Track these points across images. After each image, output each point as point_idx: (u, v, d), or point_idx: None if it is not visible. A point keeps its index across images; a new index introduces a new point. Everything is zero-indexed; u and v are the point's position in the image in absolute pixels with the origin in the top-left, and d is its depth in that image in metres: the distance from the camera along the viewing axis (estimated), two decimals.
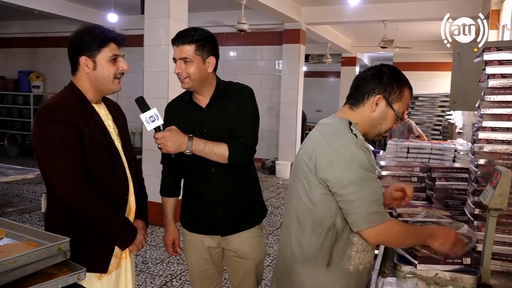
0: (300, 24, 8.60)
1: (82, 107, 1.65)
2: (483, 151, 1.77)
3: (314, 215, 1.44)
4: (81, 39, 1.64)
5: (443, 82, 10.64)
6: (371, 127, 1.51)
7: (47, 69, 10.94)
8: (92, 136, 1.62)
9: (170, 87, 5.09)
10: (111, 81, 1.68)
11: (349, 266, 1.47)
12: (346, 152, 1.36)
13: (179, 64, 1.88)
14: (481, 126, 1.78)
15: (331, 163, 1.38)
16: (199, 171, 1.96)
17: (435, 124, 7.17)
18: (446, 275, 1.46)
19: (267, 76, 9.43)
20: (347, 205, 1.37)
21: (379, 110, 1.48)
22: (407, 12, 7.94)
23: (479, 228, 1.73)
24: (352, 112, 1.51)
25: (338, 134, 1.43)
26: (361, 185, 1.34)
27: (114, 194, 1.69)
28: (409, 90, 1.52)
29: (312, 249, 1.45)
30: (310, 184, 1.43)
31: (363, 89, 1.49)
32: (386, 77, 1.48)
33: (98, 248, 1.66)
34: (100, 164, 1.65)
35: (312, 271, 1.46)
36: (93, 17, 9.14)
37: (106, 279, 1.70)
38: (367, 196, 1.35)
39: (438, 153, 3.30)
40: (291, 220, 1.53)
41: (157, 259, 4.14)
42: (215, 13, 9.03)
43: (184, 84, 1.90)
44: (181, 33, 1.90)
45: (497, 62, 1.74)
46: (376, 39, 9.24)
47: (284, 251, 1.56)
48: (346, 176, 1.35)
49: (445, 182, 2.18)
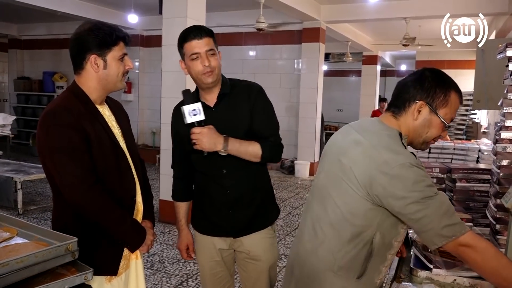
0: (319, 23, 8.51)
1: (86, 109, 1.62)
2: (506, 152, 1.70)
3: (353, 227, 1.36)
4: (90, 37, 1.60)
5: (467, 81, 10.35)
6: (416, 136, 1.42)
7: (71, 69, 10.91)
8: (98, 138, 1.60)
9: (187, 87, 5.10)
10: (119, 79, 1.66)
11: (377, 280, 1.43)
12: (409, 174, 1.27)
13: (205, 56, 1.79)
14: (504, 125, 1.71)
15: (393, 184, 1.28)
16: (211, 172, 1.93)
17: (459, 124, 6.98)
18: (464, 281, 1.39)
19: (286, 76, 9.37)
20: (416, 224, 1.29)
21: (422, 118, 1.38)
22: (429, 9, 7.76)
23: (501, 232, 1.66)
24: (396, 120, 1.42)
25: (396, 151, 1.32)
26: (426, 202, 1.26)
27: (122, 195, 1.68)
28: (456, 94, 1.40)
29: (346, 259, 1.39)
30: (356, 197, 1.34)
31: (404, 96, 1.40)
32: (428, 81, 1.38)
33: (107, 250, 1.65)
34: (107, 166, 1.62)
35: (341, 281, 1.40)
36: (114, 18, 9.27)
37: (116, 281, 1.69)
38: (436, 212, 1.26)
39: (461, 153, 3.20)
40: (321, 226, 1.43)
41: (174, 258, 4.15)
42: (233, 12, 9.03)
43: (211, 78, 1.82)
44: (197, 27, 1.84)
45: None
46: (397, 37, 9.07)
47: (309, 256, 1.47)
48: (409, 197, 1.26)
49: (466, 184, 2.10)
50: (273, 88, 9.31)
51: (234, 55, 9.80)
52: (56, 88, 10.90)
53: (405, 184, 1.27)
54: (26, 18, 10.35)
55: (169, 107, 5.45)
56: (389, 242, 1.39)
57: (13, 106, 11.68)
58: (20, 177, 5.32)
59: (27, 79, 11.55)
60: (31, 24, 11.19)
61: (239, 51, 9.80)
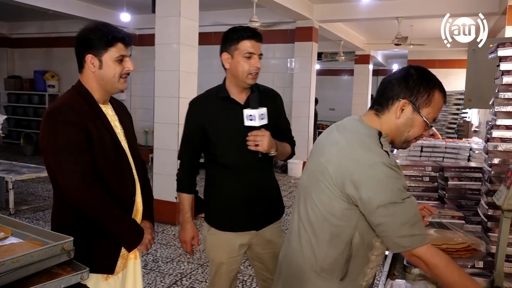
0: (312, 22, 8.53)
1: (89, 107, 1.64)
2: (497, 150, 1.72)
3: (332, 227, 1.37)
4: (89, 37, 1.62)
5: (458, 80, 10.47)
6: (398, 134, 1.40)
7: (62, 68, 11.07)
8: (99, 137, 1.61)
9: (181, 85, 5.10)
10: (116, 81, 1.66)
11: (363, 282, 1.43)
12: (378, 174, 1.27)
13: (258, 59, 1.94)
14: (495, 124, 1.73)
15: (361, 183, 1.28)
16: (236, 167, 1.98)
17: (450, 123, 7.02)
18: None
19: (279, 75, 9.38)
20: (376, 228, 1.30)
21: (405, 116, 1.37)
22: (421, 9, 7.82)
23: (493, 229, 1.68)
24: (378, 119, 1.41)
25: (369, 149, 1.32)
26: (391, 208, 1.25)
27: (121, 195, 1.68)
28: (440, 93, 1.38)
29: (328, 260, 1.39)
30: (332, 196, 1.34)
31: (387, 94, 1.39)
32: (412, 80, 1.36)
33: (105, 249, 1.66)
34: (107, 165, 1.64)
35: (325, 283, 1.41)
36: (106, 16, 9.21)
37: (113, 280, 1.70)
38: (397, 219, 1.25)
39: (453, 152, 3.24)
40: (304, 226, 1.45)
41: (168, 257, 4.15)
42: (226, 11, 9.02)
43: (253, 80, 1.96)
44: (255, 31, 1.96)
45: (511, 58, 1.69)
46: (390, 36, 9.13)
47: (296, 256, 1.48)
48: (376, 198, 1.26)
49: (458, 182, 2.13)
50: None
51: None
52: (47, 87, 10.81)
53: (373, 183, 1.26)
54: (17, 16, 10.25)
55: (162, 106, 5.46)
56: (369, 242, 1.38)
57: (3, 105, 11.55)
58: (12, 177, 5.28)
59: (18, 78, 11.43)
60: (22, 22, 11.08)
61: None
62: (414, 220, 1.26)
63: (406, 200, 1.27)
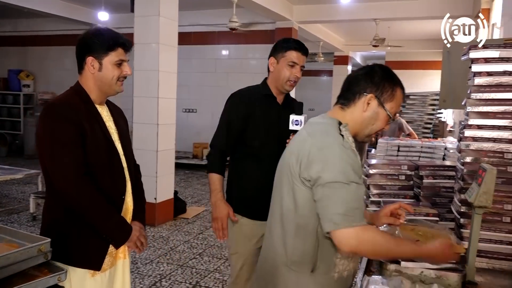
0: (292, 23, 8.59)
1: (85, 106, 1.70)
2: (469, 149, 1.77)
3: (297, 218, 1.40)
4: (91, 40, 1.70)
5: (434, 81, 10.71)
6: (362, 127, 1.46)
7: (38, 68, 10.85)
8: (93, 134, 1.67)
9: (160, 85, 5.07)
10: (114, 83, 1.73)
11: (334, 273, 1.44)
12: (330, 153, 1.33)
13: (299, 70, 2.16)
14: (467, 124, 1.78)
15: (313, 162, 1.33)
16: (269, 159, 1.97)
17: (426, 123, 7.18)
18: (431, 273, 1.45)
19: (259, 75, 9.24)
20: (318, 205, 1.34)
21: (371, 110, 1.43)
22: (398, 11, 7.97)
23: (465, 225, 1.74)
24: (343, 112, 1.46)
25: (325, 134, 1.38)
26: (335, 186, 1.29)
27: (111, 192, 1.72)
28: (401, 90, 1.47)
29: (296, 253, 1.42)
30: (295, 187, 1.39)
31: (354, 89, 1.45)
32: (378, 76, 1.44)
33: (92, 245, 1.68)
34: (99, 162, 1.68)
35: (296, 276, 1.43)
36: (83, 15, 9.08)
37: (100, 276, 1.72)
38: (339, 199, 1.29)
39: (428, 151, 3.29)
40: (275, 221, 1.49)
41: (147, 259, 4.12)
42: (206, 11, 9.01)
43: (291, 88, 2.19)
44: (304, 46, 2.18)
45: (483, 60, 1.74)
46: (368, 38, 9.26)
47: (269, 252, 1.53)
48: (324, 175, 1.31)
49: (433, 180, 2.18)
50: None
51: (207, 54, 9.77)
52: (22, 87, 10.56)
53: (323, 163, 1.32)
54: None
55: (141, 106, 5.42)
56: None
57: None
58: None
59: None
60: None
61: (212, 50, 9.78)
62: (354, 205, 1.29)
63: (352, 184, 1.30)
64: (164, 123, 5.19)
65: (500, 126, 1.72)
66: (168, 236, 4.83)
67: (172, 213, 5.46)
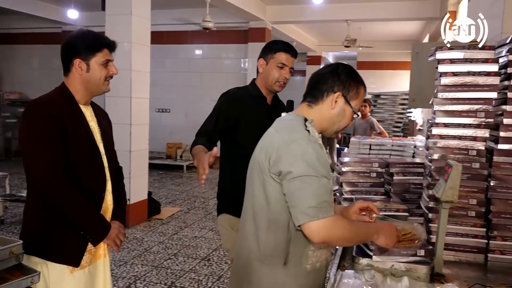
0: (265, 23, 8.64)
1: (68, 106, 1.74)
2: (436, 146, 1.84)
3: (269, 213, 1.44)
4: (77, 43, 1.75)
5: (404, 81, 10.97)
6: (330, 124, 1.51)
7: (4, 67, 10.51)
8: (74, 131, 1.70)
9: (133, 85, 5.01)
10: (101, 83, 1.77)
11: (307, 265, 1.47)
12: (296, 148, 1.37)
13: (288, 71, 2.20)
14: (434, 122, 1.85)
15: (282, 157, 1.38)
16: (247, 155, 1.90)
17: (396, 122, 7.35)
18: (401, 266, 1.50)
19: (233, 75, 9.42)
20: (288, 198, 1.37)
21: (338, 107, 1.48)
22: (368, 12, 8.14)
23: (433, 220, 1.80)
24: (310, 109, 1.51)
25: (291, 130, 1.43)
26: (305, 181, 1.33)
27: (91, 190, 1.75)
28: (364, 88, 1.53)
29: (269, 247, 1.45)
30: (265, 182, 1.43)
31: (322, 87, 1.50)
32: (344, 75, 1.49)
33: (71, 241, 1.70)
34: (80, 159, 1.71)
35: (269, 270, 1.46)
36: (52, 13, 8.86)
37: (79, 274, 1.72)
38: (309, 192, 1.33)
39: (399, 149, 3.39)
40: (248, 218, 1.53)
41: (120, 261, 4.06)
42: (179, 10, 8.95)
43: (280, 88, 2.24)
44: (293, 48, 2.22)
45: (448, 61, 1.82)
46: (340, 39, 9.42)
47: (242, 248, 1.56)
48: (293, 170, 1.35)
49: (403, 177, 2.25)
50: (219, 87, 9.20)
51: (181, 53, 9.71)
52: None
53: (291, 157, 1.36)
54: None
55: (113, 106, 5.33)
56: None
57: None
58: None
59: None
60: None
61: (185, 49, 9.72)
62: (324, 198, 1.34)
63: (322, 177, 1.35)
64: (137, 123, 5.14)
65: (465, 124, 1.80)
66: (142, 237, 4.78)
67: (146, 214, 5.41)
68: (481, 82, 1.77)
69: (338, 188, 2.48)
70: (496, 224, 1.75)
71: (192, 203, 6.44)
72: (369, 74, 13.56)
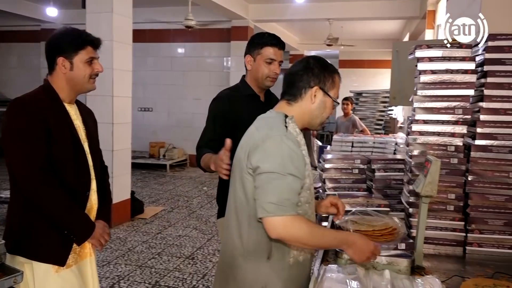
0: (247, 21, 8.65)
1: (53, 104, 1.72)
2: (416, 143, 1.88)
3: (249, 209, 1.45)
4: (60, 41, 1.74)
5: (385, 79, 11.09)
6: (313, 117, 1.54)
7: None
8: (59, 130, 1.68)
9: (115, 84, 4.96)
10: (86, 81, 1.76)
11: (289, 258, 1.50)
12: (270, 144, 1.39)
13: (278, 66, 2.15)
14: (414, 119, 1.89)
15: (255, 152, 1.40)
16: None
17: (378, 119, 7.45)
18: (383, 259, 1.54)
19: (215, 73, 9.40)
20: (255, 191, 1.40)
21: (318, 100, 1.51)
22: (350, 11, 8.23)
23: (414, 215, 1.85)
24: (290, 107, 1.53)
25: (270, 127, 1.45)
26: (270, 177, 1.35)
27: (75, 189, 1.74)
28: (338, 75, 1.56)
29: (251, 242, 1.47)
30: (244, 179, 1.45)
31: (298, 85, 1.52)
32: (317, 68, 1.51)
33: (57, 240, 1.69)
34: (64, 158, 1.70)
35: (253, 265, 1.48)
36: (30, 11, 8.69)
37: (65, 272, 1.71)
38: (271, 188, 1.34)
39: (380, 146, 3.45)
40: (231, 215, 1.55)
41: (103, 261, 4.03)
42: (161, 8, 8.88)
43: (272, 83, 2.18)
44: (279, 39, 2.14)
45: (427, 59, 1.86)
46: (322, 37, 9.49)
47: (227, 245, 1.57)
48: (261, 166, 1.37)
49: (384, 173, 2.29)
50: (202, 86, 9.30)
51: (163, 52, 9.64)
52: None
53: (264, 152, 1.38)
54: None
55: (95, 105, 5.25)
56: None
57: None
58: None
59: None
60: None
61: (167, 48, 9.66)
62: (286, 196, 1.34)
63: (289, 176, 1.35)
64: (119, 122, 5.09)
65: (444, 120, 1.85)
66: (125, 237, 4.75)
67: (129, 213, 5.36)
68: (459, 79, 1.82)
69: (321, 185, 2.52)
70: (473, 218, 1.80)
71: (175, 202, 6.42)
72: (351, 72, 13.71)
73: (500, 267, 1.62)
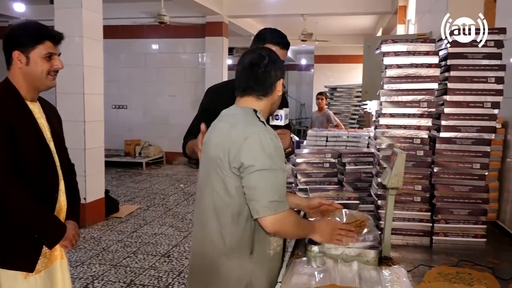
0: (222, 17, 8.61)
1: (14, 103, 1.65)
2: (384, 136, 1.92)
3: (232, 207, 1.46)
4: (17, 34, 1.67)
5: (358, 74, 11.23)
6: (273, 106, 1.61)
7: None
8: (23, 131, 1.62)
9: (85, 81, 4.86)
10: (44, 77, 1.69)
11: (270, 251, 1.54)
12: (257, 141, 1.40)
13: None
14: (381, 113, 1.92)
15: (241, 152, 1.40)
16: None
17: (352, 114, 7.56)
18: (351, 251, 1.56)
19: (190, 70, 9.32)
20: (249, 191, 1.41)
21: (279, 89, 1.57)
22: (323, 7, 8.29)
23: (382, 207, 1.88)
24: (260, 101, 1.54)
25: (247, 123, 1.46)
26: (265, 174, 1.38)
27: (43, 191, 1.69)
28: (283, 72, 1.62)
29: (234, 239, 1.48)
30: (226, 178, 1.44)
31: (269, 81, 1.53)
32: (277, 61, 1.55)
33: (25, 246, 1.63)
34: (30, 159, 1.64)
35: (237, 262, 1.49)
36: None
37: (34, 278, 1.66)
38: (269, 185, 1.39)
39: (354, 140, 3.49)
40: (208, 215, 1.52)
41: (77, 261, 3.96)
42: (133, 4, 8.73)
43: None
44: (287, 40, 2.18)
45: (393, 54, 1.89)
46: (296, 33, 9.52)
47: (203, 246, 1.55)
48: (254, 163, 1.38)
49: (354, 167, 2.32)
50: (177, 83, 9.21)
51: (136, 48, 9.50)
52: None
53: (252, 150, 1.40)
54: None
55: (65, 102, 5.15)
56: None
57: None
58: None
59: None
60: None
61: (141, 44, 9.51)
62: (282, 191, 1.43)
63: (278, 171, 1.42)
64: (91, 120, 4.99)
65: (410, 114, 1.88)
66: (100, 236, 4.68)
67: (103, 212, 5.28)
68: (423, 73, 1.85)
69: (294, 180, 2.53)
70: (439, 208, 1.85)
71: (151, 200, 6.36)
72: (326, 67, 13.83)
73: (464, 255, 1.67)
